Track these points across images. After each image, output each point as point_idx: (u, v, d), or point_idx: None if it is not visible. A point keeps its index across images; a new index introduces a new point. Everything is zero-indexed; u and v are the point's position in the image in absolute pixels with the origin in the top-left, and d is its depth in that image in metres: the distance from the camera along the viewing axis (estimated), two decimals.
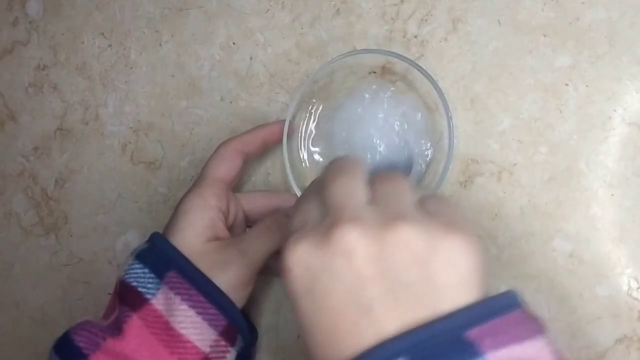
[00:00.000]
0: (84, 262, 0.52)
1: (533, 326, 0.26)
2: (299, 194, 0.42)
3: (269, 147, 0.45)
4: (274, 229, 0.40)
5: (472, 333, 0.25)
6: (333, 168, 0.31)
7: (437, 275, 0.26)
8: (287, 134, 0.44)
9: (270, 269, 0.45)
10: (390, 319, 0.25)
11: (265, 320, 0.46)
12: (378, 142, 0.42)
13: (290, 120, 0.44)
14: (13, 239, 0.53)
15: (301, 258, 0.27)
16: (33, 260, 0.53)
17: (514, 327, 0.25)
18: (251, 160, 0.45)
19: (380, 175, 0.30)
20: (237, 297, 0.39)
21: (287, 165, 0.43)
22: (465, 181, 0.44)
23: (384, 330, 0.25)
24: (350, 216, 0.27)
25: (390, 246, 0.26)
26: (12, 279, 0.53)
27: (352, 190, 0.29)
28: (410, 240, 0.26)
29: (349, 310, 0.26)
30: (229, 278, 0.38)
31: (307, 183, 0.45)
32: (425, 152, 0.44)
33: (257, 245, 0.39)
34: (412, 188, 0.30)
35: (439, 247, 0.26)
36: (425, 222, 0.27)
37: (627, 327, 0.42)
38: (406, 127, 0.43)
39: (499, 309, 0.26)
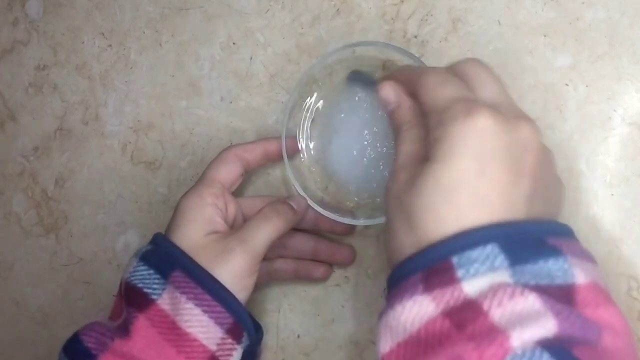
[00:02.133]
0: (84, 262, 0.52)
1: (591, 256, 0.30)
2: (299, 190, 0.42)
3: (271, 159, 0.45)
4: (273, 217, 0.40)
5: (553, 239, 0.29)
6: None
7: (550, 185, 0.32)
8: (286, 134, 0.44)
9: (271, 275, 0.45)
10: (496, 211, 0.29)
11: (265, 320, 0.46)
12: (375, 129, 0.43)
13: (289, 120, 0.44)
14: (13, 239, 0.53)
15: (488, 128, 0.29)
16: (33, 260, 0.53)
17: (581, 249, 0.30)
18: (253, 169, 0.45)
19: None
20: (242, 286, 0.39)
21: (287, 163, 0.43)
22: None
23: (488, 213, 0.29)
24: (523, 115, 0.32)
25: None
26: (12, 279, 0.53)
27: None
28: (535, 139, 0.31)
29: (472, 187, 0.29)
30: (232, 267, 0.38)
31: (307, 180, 0.45)
32: None
33: (257, 232, 0.39)
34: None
35: (550, 154, 0.33)
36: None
37: None
38: None
39: (569, 232, 0.31)
